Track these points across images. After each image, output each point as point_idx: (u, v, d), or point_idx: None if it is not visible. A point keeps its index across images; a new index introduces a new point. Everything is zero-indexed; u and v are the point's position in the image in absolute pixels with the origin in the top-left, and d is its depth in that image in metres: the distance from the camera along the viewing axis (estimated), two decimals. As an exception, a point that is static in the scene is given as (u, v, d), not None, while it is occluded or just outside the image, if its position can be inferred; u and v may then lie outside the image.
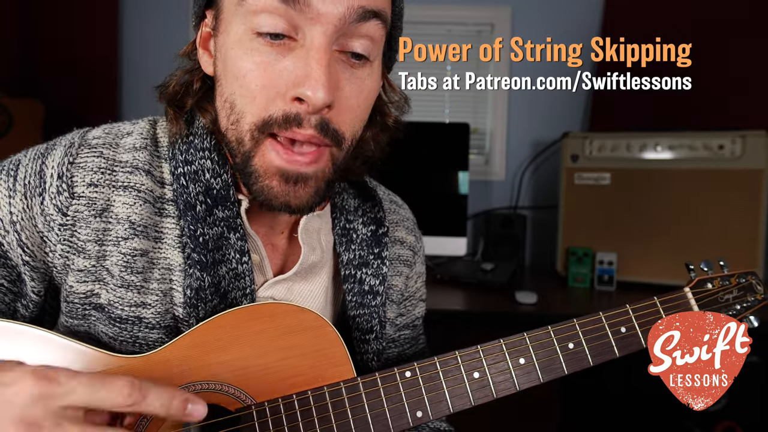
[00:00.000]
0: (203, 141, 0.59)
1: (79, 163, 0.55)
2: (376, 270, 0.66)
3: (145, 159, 0.57)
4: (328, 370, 0.55)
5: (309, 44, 0.50)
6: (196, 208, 0.57)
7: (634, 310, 0.61)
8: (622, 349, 0.59)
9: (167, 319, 0.57)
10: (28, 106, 1.85)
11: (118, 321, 0.55)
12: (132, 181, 0.56)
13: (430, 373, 0.56)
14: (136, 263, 0.55)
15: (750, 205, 1.50)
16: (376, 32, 0.53)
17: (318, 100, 0.49)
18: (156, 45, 2.03)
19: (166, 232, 0.57)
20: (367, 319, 0.65)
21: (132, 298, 0.55)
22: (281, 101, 0.51)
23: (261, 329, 0.54)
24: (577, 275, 1.63)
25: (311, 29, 0.50)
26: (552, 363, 0.58)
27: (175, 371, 0.52)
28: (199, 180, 0.57)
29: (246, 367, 0.53)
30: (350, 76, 0.53)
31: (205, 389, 0.52)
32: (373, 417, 0.54)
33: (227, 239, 0.58)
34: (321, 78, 0.49)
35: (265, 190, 0.53)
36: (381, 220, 0.69)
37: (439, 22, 2.03)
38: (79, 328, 0.57)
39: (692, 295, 0.63)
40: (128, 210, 0.55)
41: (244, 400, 0.53)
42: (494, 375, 0.56)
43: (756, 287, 0.66)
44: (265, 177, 0.53)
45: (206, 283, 0.56)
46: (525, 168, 2.02)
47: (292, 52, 0.50)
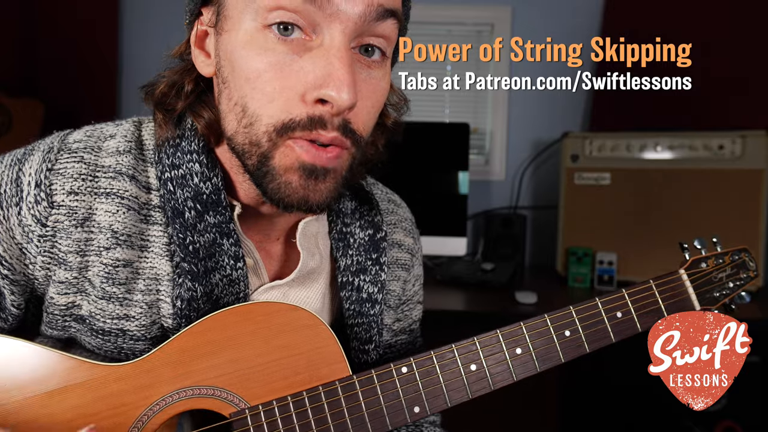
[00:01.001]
0: (191, 143, 0.56)
1: (59, 170, 0.52)
2: (374, 277, 0.64)
3: (130, 163, 0.54)
4: (323, 369, 0.54)
5: (329, 43, 0.48)
6: (185, 215, 0.54)
7: (629, 294, 0.61)
8: (617, 334, 0.59)
9: (154, 331, 0.55)
10: (28, 106, 1.84)
11: (101, 333, 0.54)
12: (115, 187, 0.53)
13: (426, 367, 0.56)
14: (118, 274, 0.53)
15: (750, 205, 1.50)
16: (392, 32, 0.52)
17: (344, 101, 0.47)
18: (156, 45, 2.02)
19: (152, 241, 0.55)
20: (365, 329, 0.63)
21: (114, 311, 0.53)
22: (302, 103, 0.48)
23: (253, 329, 0.53)
24: (577, 275, 1.63)
25: (330, 27, 0.48)
26: (549, 351, 0.58)
27: (165, 377, 0.51)
28: (187, 185, 0.55)
29: (239, 370, 0.52)
30: (366, 76, 0.51)
31: (196, 395, 0.52)
32: (369, 415, 0.53)
33: (220, 245, 0.55)
34: (345, 78, 0.47)
35: (283, 186, 0.51)
36: (379, 224, 0.67)
37: (439, 22, 2.03)
38: (60, 337, 0.56)
39: (687, 277, 0.64)
40: (110, 218, 0.52)
41: (238, 404, 0.52)
42: (491, 366, 0.56)
43: (749, 264, 0.67)
44: (285, 173, 0.50)
45: (198, 293, 0.54)
46: (525, 168, 2.02)
47: (309, 52, 0.48)
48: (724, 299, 0.64)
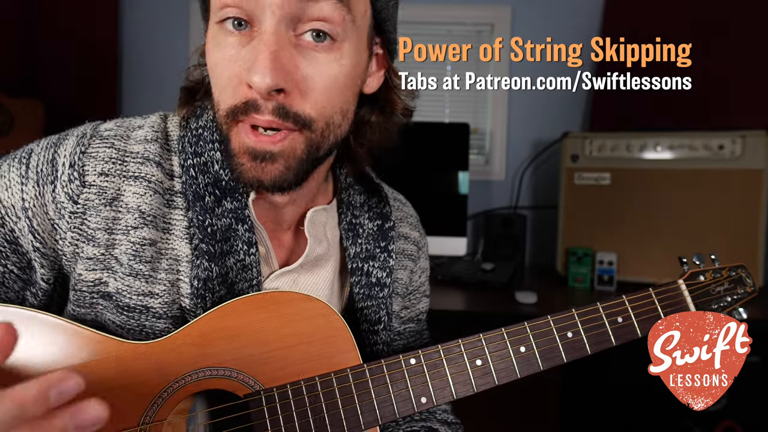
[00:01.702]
0: (212, 134, 0.60)
1: (91, 153, 0.56)
2: (383, 263, 0.67)
3: (156, 151, 0.59)
4: (335, 357, 0.56)
5: (262, 31, 0.51)
6: (205, 199, 0.58)
7: (630, 301, 0.62)
8: (618, 338, 0.61)
9: (174, 310, 0.57)
10: (28, 106, 1.85)
11: (126, 309, 0.56)
12: (143, 171, 0.57)
13: (434, 360, 0.57)
14: (144, 252, 0.56)
15: (750, 205, 1.50)
16: (332, 12, 0.52)
17: (263, 83, 0.50)
18: (156, 45, 2.03)
19: (174, 224, 0.58)
20: (375, 311, 0.66)
21: (140, 287, 0.56)
22: (243, 89, 0.52)
23: (267, 317, 0.55)
24: (577, 275, 1.63)
25: (264, 16, 0.51)
26: (552, 351, 0.59)
27: (186, 357, 0.53)
28: (208, 171, 0.59)
29: (254, 354, 0.54)
30: (311, 59, 0.53)
31: (214, 375, 0.53)
32: (379, 402, 0.55)
33: (235, 230, 0.59)
34: (264, 62, 0.50)
35: (238, 167, 0.55)
36: (387, 215, 0.70)
37: (439, 22, 2.03)
38: (86, 316, 0.58)
39: (685, 287, 0.65)
40: (138, 200, 0.56)
41: (253, 386, 0.54)
42: (496, 362, 0.58)
43: (746, 280, 0.69)
44: (238, 155, 0.55)
45: (214, 274, 0.57)
46: (525, 168, 2.02)
47: (251, 41, 0.52)
48: (722, 312, 0.65)
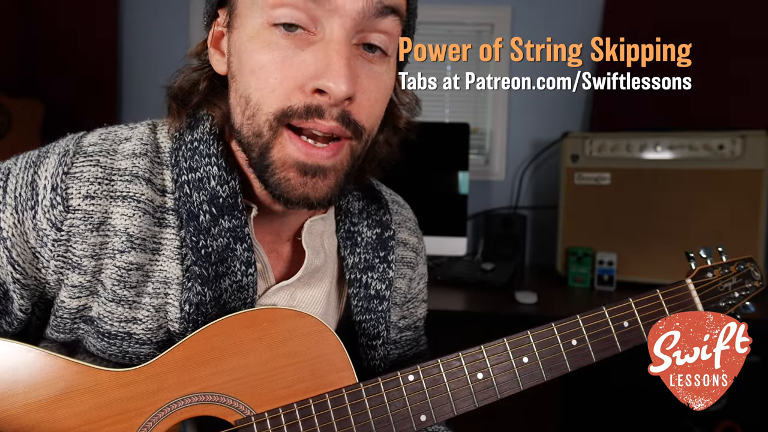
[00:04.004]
0: (209, 147, 0.56)
1: (75, 173, 0.52)
2: (381, 274, 0.65)
3: (145, 166, 0.55)
4: (330, 376, 0.54)
5: (328, 37, 0.50)
6: (199, 218, 0.54)
7: (636, 304, 0.61)
8: (624, 343, 0.59)
9: (160, 335, 0.54)
10: (28, 106, 1.84)
11: (107, 336, 0.54)
12: (131, 190, 0.53)
13: (433, 375, 0.55)
14: (130, 277, 0.53)
15: (750, 205, 1.50)
16: (393, 28, 0.53)
17: (340, 91, 0.48)
18: (156, 45, 2.03)
19: (164, 244, 0.55)
20: (373, 325, 0.64)
21: (122, 314, 0.53)
22: (301, 93, 0.50)
23: (259, 336, 0.53)
24: (577, 275, 1.63)
25: (330, 22, 0.49)
26: (556, 361, 0.57)
27: (170, 383, 0.51)
28: (203, 188, 0.55)
29: (244, 376, 0.52)
30: (369, 71, 0.53)
31: (202, 401, 0.51)
32: (376, 423, 0.53)
33: (233, 250, 0.55)
34: (342, 69, 0.48)
35: (283, 182, 0.52)
36: (387, 223, 0.68)
37: (439, 22, 2.03)
38: (66, 340, 0.56)
39: (694, 287, 0.64)
40: (126, 222, 0.52)
41: (243, 411, 0.52)
42: (498, 375, 0.56)
43: (754, 274, 0.67)
44: (283, 169, 0.52)
45: (207, 298, 0.54)
46: (525, 168, 2.02)
47: (311, 45, 0.50)
48: (730, 309, 0.64)
